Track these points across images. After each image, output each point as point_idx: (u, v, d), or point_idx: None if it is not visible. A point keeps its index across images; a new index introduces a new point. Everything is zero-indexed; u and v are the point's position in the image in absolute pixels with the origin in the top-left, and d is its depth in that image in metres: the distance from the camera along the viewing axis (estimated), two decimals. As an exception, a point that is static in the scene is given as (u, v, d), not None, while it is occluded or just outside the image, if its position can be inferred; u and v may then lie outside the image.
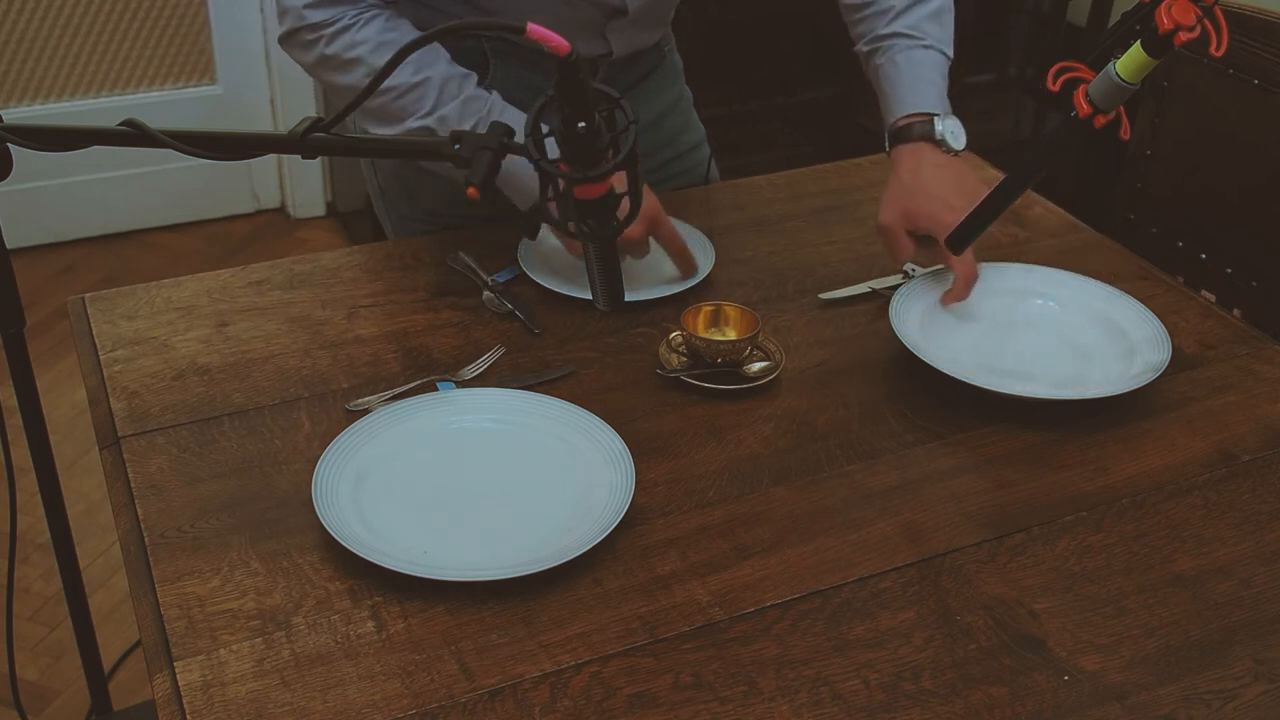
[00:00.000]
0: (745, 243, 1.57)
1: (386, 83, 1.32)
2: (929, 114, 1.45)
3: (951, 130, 1.44)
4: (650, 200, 1.40)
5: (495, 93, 1.41)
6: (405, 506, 1.13)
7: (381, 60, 1.32)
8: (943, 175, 1.42)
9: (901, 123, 1.47)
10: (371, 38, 1.33)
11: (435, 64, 1.36)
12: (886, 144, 1.49)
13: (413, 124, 1.36)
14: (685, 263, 1.46)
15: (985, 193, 1.39)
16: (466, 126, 1.36)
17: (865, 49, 1.53)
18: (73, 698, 2.05)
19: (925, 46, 1.48)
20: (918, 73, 1.47)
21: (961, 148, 1.44)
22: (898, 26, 1.49)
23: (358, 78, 1.34)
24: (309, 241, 3.30)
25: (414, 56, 1.33)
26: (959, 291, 1.40)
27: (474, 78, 1.40)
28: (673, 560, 1.11)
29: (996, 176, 1.63)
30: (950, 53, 1.51)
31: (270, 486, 1.16)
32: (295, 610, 1.04)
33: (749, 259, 1.54)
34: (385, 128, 1.38)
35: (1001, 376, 1.33)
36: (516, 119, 1.39)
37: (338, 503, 1.11)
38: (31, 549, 2.30)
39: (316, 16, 1.33)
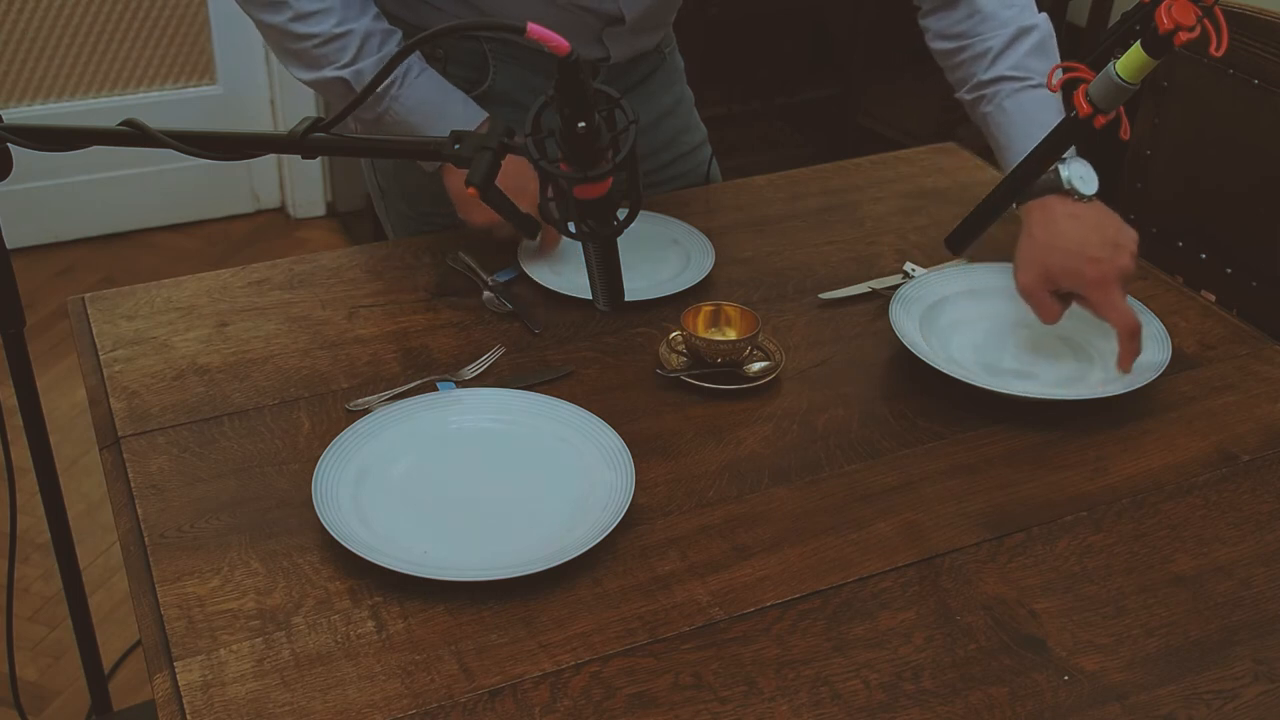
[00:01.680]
0: (745, 243, 1.57)
1: (310, 29, 1.33)
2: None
3: (1080, 175, 1.33)
4: None
5: (416, 54, 1.40)
6: (405, 506, 1.13)
7: (308, 6, 1.33)
8: (1079, 226, 1.31)
9: (1018, 167, 1.35)
10: None
11: (361, 17, 1.36)
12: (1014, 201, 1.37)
13: (329, 73, 1.36)
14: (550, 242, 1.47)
15: (1129, 235, 1.32)
16: (381, 84, 1.36)
17: (968, 97, 1.44)
18: (73, 698, 2.05)
19: (1034, 86, 1.39)
20: (1032, 117, 1.38)
21: (1092, 193, 1.33)
22: (1001, 69, 1.40)
23: (283, 19, 1.34)
24: (309, 241, 3.30)
25: (339, 7, 1.34)
26: (1125, 347, 1.30)
27: (397, 35, 1.39)
28: (673, 560, 1.11)
29: (998, 176, 1.62)
30: None
31: (270, 486, 1.16)
32: (295, 610, 1.04)
33: (749, 259, 1.54)
34: (303, 72, 1.39)
35: (1001, 376, 1.33)
36: (433, 81, 1.39)
37: (338, 503, 1.11)
38: (31, 549, 2.30)
39: None
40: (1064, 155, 1.32)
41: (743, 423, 1.27)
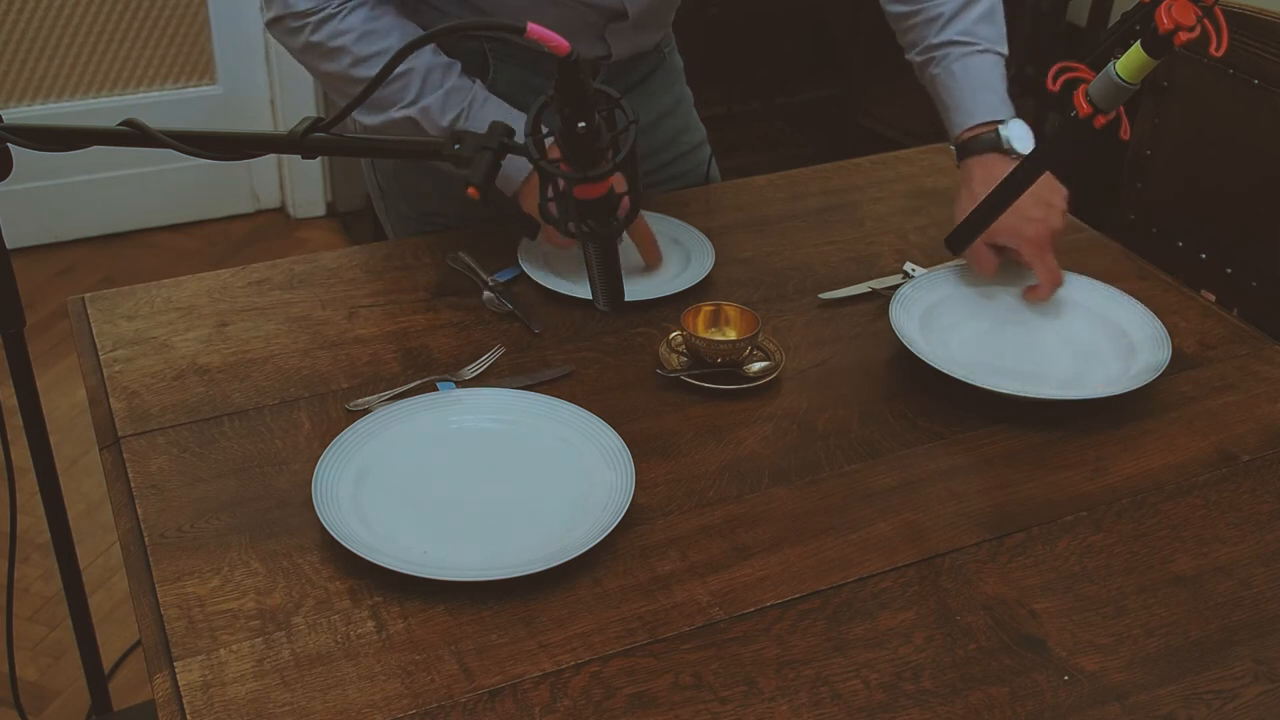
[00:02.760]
0: (745, 243, 1.57)
1: (371, 72, 1.33)
2: (994, 122, 1.43)
3: (1018, 135, 1.42)
4: None
5: (479, 82, 1.41)
6: (405, 506, 1.13)
7: (367, 49, 1.33)
8: None
9: (967, 135, 1.45)
10: (356, 26, 1.34)
11: (420, 54, 1.36)
12: (955, 156, 1.47)
13: (395, 114, 1.37)
14: (651, 253, 1.47)
15: (1060, 194, 1.41)
16: (449, 117, 1.37)
17: (918, 59, 1.50)
18: (73, 698, 2.05)
19: (981, 51, 1.46)
20: (976, 80, 1.45)
21: (1028, 150, 1.41)
22: (950, 34, 1.47)
23: (343, 66, 1.35)
24: (309, 241, 3.30)
25: (397, 46, 1.34)
26: (1043, 291, 1.41)
27: (457, 67, 1.40)
28: (673, 560, 1.11)
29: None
30: (1005, 51, 1.48)
31: (270, 486, 1.16)
32: (295, 610, 1.04)
33: (749, 259, 1.54)
34: (368, 117, 1.39)
35: (1001, 376, 1.33)
36: (499, 109, 1.40)
37: (338, 503, 1.11)
38: (31, 549, 2.30)
39: (302, 5, 1.33)
40: (1004, 117, 1.43)
41: (743, 423, 1.27)
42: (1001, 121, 1.43)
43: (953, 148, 1.48)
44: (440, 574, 1.05)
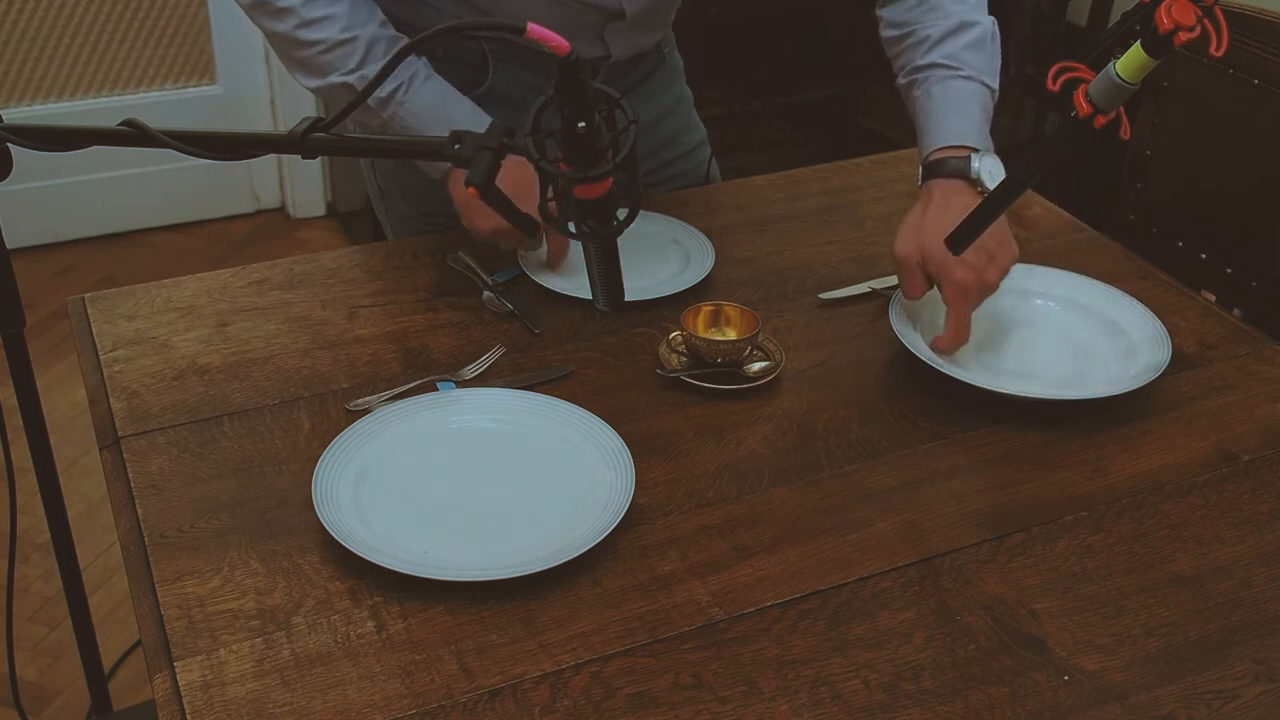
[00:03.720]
0: (745, 243, 1.57)
1: (315, 35, 1.34)
2: (966, 149, 1.37)
3: (989, 170, 1.35)
4: None
5: (424, 60, 1.41)
6: (405, 506, 1.13)
7: (312, 12, 1.33)
8: None
9: (935, 156, 1.38)
10: None
11: (367, 24, 1.36)
12: (919, 176, 1.40)
13: (335, 79, 1.36)
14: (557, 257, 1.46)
15: (1007, 252, 1.33)
16: (387, 89, 1.37)
17: (904, 81, 1.46)
18: (73, 698, 2.05)
19: (964, 77, 1.41)
20: (953, 104, 1.40)
21: (995, 186, 1.31)
22: (934, 56, 1.43)
23: (289, 27, 1.34)
24: (309, 241, 3.30)
25: (345, 13, 1.34)
26: (944, 343, 1.33)
27: (403, 41, 1.39)
28: (673, 560, 1.11)
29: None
30: (993, 84, 1.43)
31: (270, 486, 1.16)
32: (295, 610, 1.04)
33: (749, 259, 1.54)
34: (308, 79, 1.39)
35: (1001, 376, 1.33)
36: (440, 89, 1.40)
37: (338, 503, 1.11)
38: (31, 549, 2.30)
39: None
40: (977, 146, 1.37)
41: (743, 423, 1.27)
42: (975, 150, 1.37)
43: (920, 167, 1.42)
44: (440, 574, 1.05)
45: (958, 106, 1.40)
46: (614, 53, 1.51)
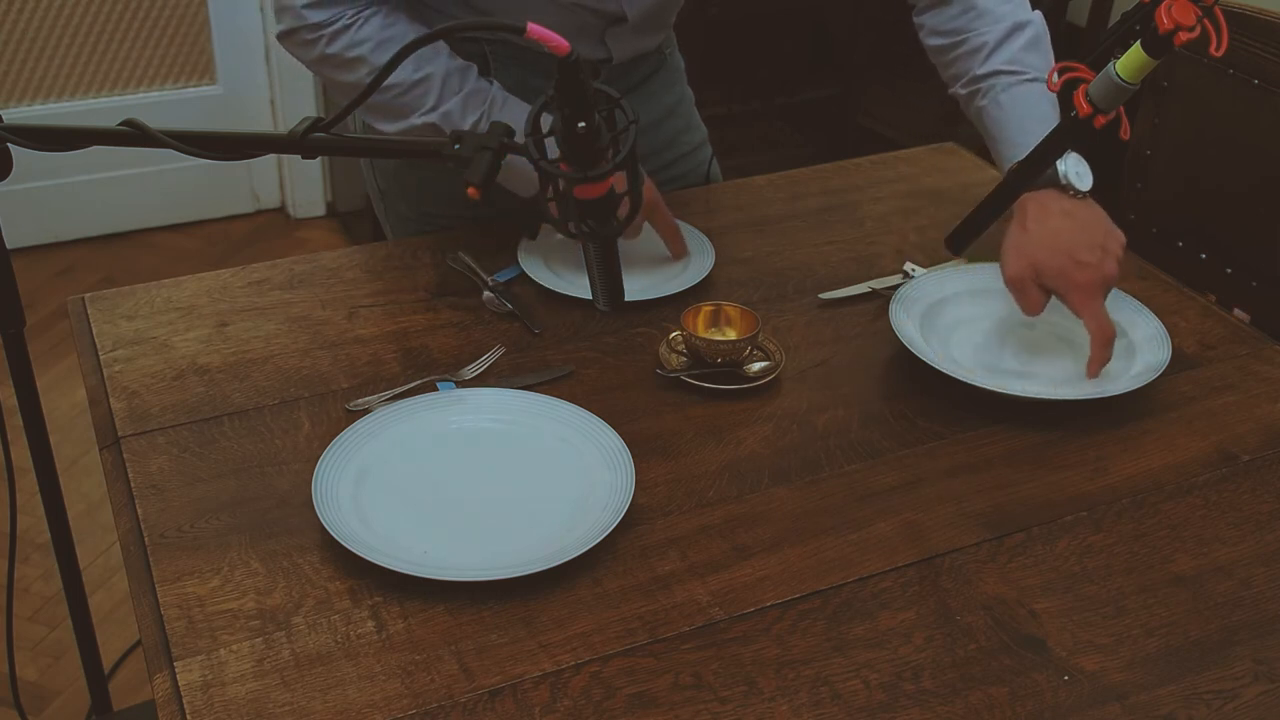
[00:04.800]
0: (745, 243, 1.57)
1: (389, 80, 1.32)
2: None
3: (1076, 171, 1.33)
4: (647, 188, 1.38)
5: (496, 83, 1.41)
6: (405, 506, 1.13)
7: (383, 57, 1.33)
8: (1071, 225, 1.31)
9: (1019, 168, 1.36)
10: (372, 36, 1.34)
11: (436, 59, 1.37)
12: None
13: (416, 120, 1.37)
14: (677, 245, 1.47)
15: (1116, 239, 1.32)
16: (470, 120, 1.37)
17: (963, 91, 1.44)
18: (73, 698, 2.05)
19: (1030, 80, 1.39)
20: (1026, 110, 1.38)
21: (1087, 188, 1.33)
22: (995, 63, 1.40)
23: (361, 75, 1.35)
24: (309, 241, 3.30)
25: (414, 54, 1.34)
26: (1096, 352, 1.31)
27: (474, 70, 1.40)
28: (673, 560, 1.11)
29: (998, 176, 1.62)
30: None
31: (270, 486, 1.16)
32: (295, 610, 1.04)
33: (749, 259, 1.54)
34: (389, 124, 1.39)
35: (1001, 376, 1.33)
36: (518, 110, 1.40)
37: (338, 503, 1.11)
38: (31, 549, 2.30)
39: (316, 16, 1.33)
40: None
41: (743, 423, 1.27)
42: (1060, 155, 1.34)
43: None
44: (440, 574, 1.05)
45: (1031, 113, 1.38)
46: (615, 55, 1.51)
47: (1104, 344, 1.31)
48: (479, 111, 1.37)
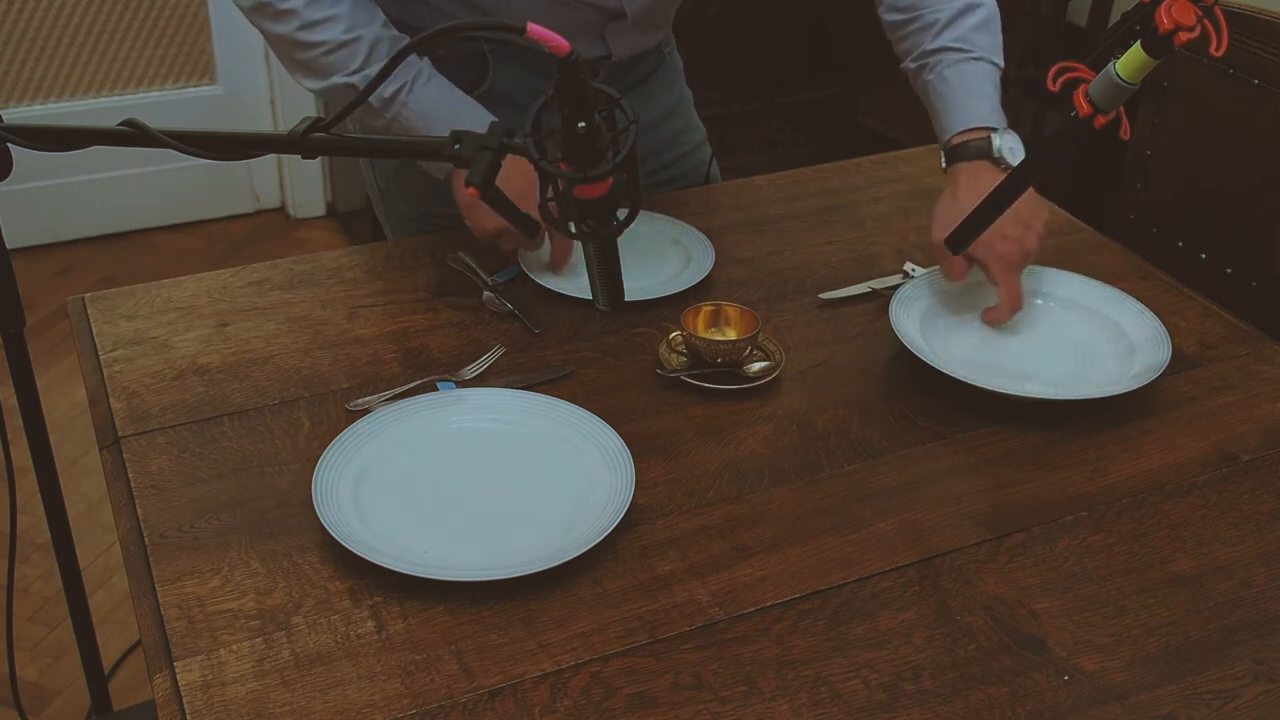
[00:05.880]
0: (745, 243, 1.57)
1: (318, 37, 1.33)
2: (986, 129, 1.42)
3: (1010, 146, 1.41)
4: (523, 176, 1.29)
5: (426, 60, 1.41)
6: (405, 506, 1.13)
7: (315, 13, 1.33)
8: None
9: (957, 140, 1.43)
10: None
11: (369, 24, 1.36)
12: (943, 161, 1.45)
13: (338, 79, 1.37)
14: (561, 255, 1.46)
15: (1040, 216, 1.39)
16: (391, 89, 1.37)
17: (912, 65, 1.49)
18: (73, 698, 2.05)
19: (975, 59, 1.45)
20: (969, 86, 1.44)
21: (1018, 162, 1.39)
22: (945, 40, 1.46)
23: (291, 29, 1.34)
24: (309, 241, 3.30)
25: (347, 14, 1.34)
26: (1001, 314, 1.39)
27: (404, 40, 1.39)
28: (673, 560, 1.11)
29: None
30: (1001, 62, 1.47)
31: (270, 486, 1.16)
32: (295, 610, 1.04)
33: (749, 259, 1.54)
34: (311, 81, 1.39)
35: (1001, 376, 1.33)
36: (443, 88, 1.40)
37: (338, 503, 1.11)
38: (31, 549, 2.30)
39: None
40: (995, 125, 1.42)
41: (743, 423, 1.27)
42: (994, 129, 1.42)
43: (941, 152, 1.46)
44: (440, 574, 1.05)
45: (973, 89, 1.44)
46: (615, 53, 1.51)
47: (1010, 313, 1.39)
48: (401, 81, 1.36)
